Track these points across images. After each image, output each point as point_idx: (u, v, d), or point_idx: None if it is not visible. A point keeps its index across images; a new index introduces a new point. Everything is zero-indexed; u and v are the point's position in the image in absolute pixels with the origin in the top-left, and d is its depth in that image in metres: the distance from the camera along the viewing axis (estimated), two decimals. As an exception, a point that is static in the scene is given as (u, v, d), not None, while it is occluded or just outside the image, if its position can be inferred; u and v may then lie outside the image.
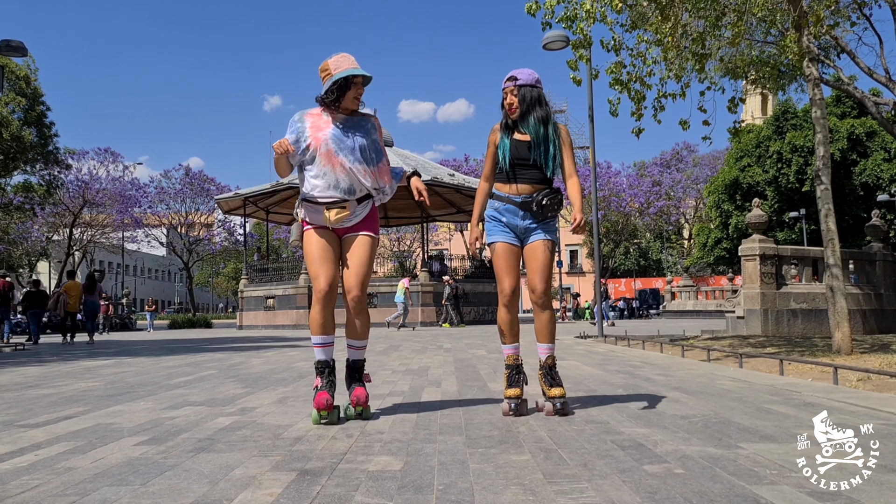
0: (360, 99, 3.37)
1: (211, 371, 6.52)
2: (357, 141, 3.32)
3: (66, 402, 4.35)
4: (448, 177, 25.59)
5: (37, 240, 38.14)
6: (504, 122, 3.53)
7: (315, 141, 3.29)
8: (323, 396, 3.22)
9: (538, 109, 3.45)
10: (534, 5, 7.53)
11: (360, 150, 3.31)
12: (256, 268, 28.88)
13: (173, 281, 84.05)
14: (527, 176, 3.44)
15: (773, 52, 12.80)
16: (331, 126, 3.33)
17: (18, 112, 29.92)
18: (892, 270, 14.88)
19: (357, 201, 3.35)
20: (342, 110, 3.36)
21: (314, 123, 3.35)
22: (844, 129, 31.30)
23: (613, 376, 5.38)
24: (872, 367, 5.49)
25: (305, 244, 3.38)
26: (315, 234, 3.35)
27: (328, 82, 3.28)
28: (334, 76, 3.27)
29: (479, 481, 2.15)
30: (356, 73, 3.27)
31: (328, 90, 3.29)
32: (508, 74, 3.49)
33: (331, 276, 3.29)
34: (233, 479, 2.23)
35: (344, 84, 3.27)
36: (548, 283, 3.45)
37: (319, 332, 3.33)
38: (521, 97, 3.44)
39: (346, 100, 3.31)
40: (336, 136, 3.30)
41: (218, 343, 13.51)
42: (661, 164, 48.08)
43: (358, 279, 3.32)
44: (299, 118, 3.39)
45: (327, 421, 3.25)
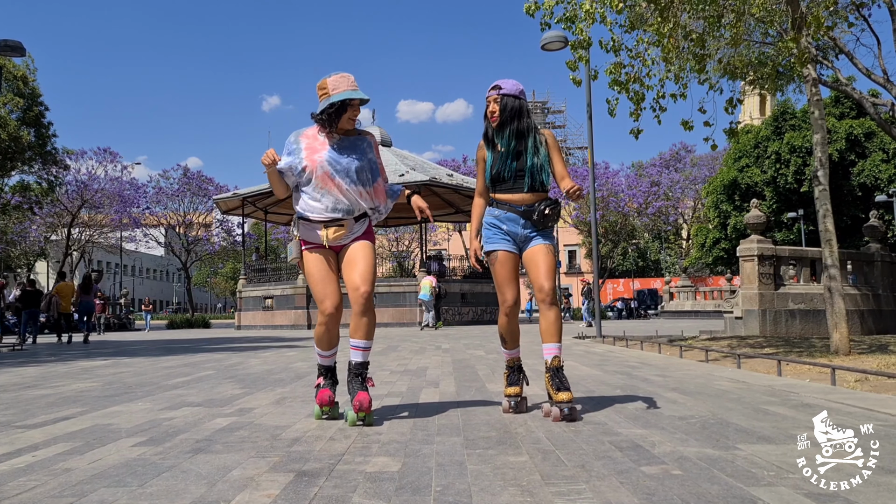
0: (355, 120, 3.38)
1: (209, 371, 6.52)
2: (353, 163, 3.32)
3: (63, 402, 4.34)
4: (447, 177, 25.59)
5: (35, 240, 38.12)
6: (486, 132, 3.54)
7: (311, 163, 3.29)
8: (325, 393, 3.37)
9: (516, 122, 3.45)
10: (533, 6, 7.53)
11: (355, 173, 3.32)
12: (255, 268, 28.88)
13: (171, 281, 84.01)
14: (520, 185, 3.45)
15: (771, 53, 12.81)
16: (326, 148, 3.33)
17: (16, 112, 29.90)
18: (890, 271, 14.91)
19: (354, 220, 3.38)
20: (337, 130, 3.38)
21: (310, 145, 3.35)
22: (843, 130, 31.34)
23: (611, 377, 5.38)
24: (870, 367, 5.50)
25: (306, 264, 3.39)
26: (313, 254, 3.37)
27: (324, 103, 3.27)
28: (331, 98, 3.25)
29: (477, 482, 2.15)
30: (353, 96, 3.26)
31: (323, 111, 3.29)
32: (493, 84, 3.50)
33: (336, 296, 3.32)
34: (230, 480, 2.23)
35: (340, 107, 3.28)
36: (554, 282, 3.45)
37: (326, 347, 3.43)
38: (502, 106, 3.45)
39: (341, 122, 3.34)
40: (332, 159, 3.30)
41: (216, 343, 13.51)
42: (660, 164, 48.11)
43: (364, 276, 3.28)
44: (294, 139, 3.39)
45: (328, 416, 3.36)
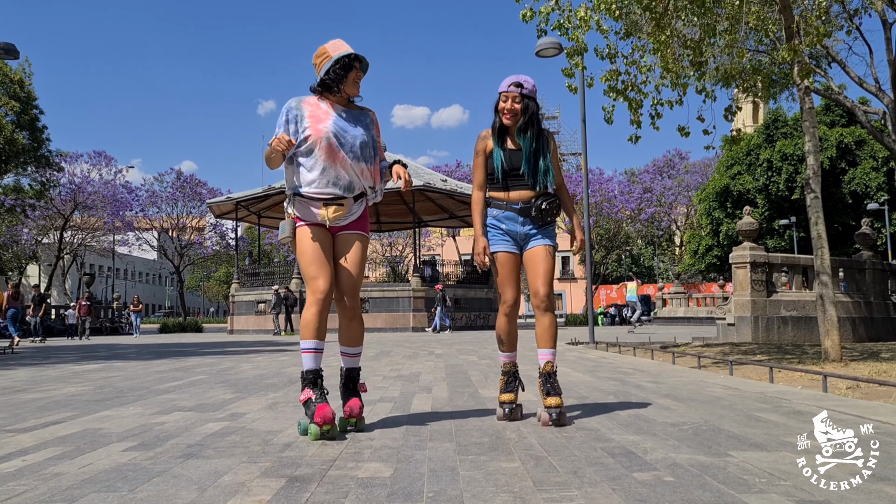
0: (359, 84, 3.24)
1: (201, 376, 6.49)
2: (358, 136, 3.19)
3: (54, 406, 4.32)
4: (441, 182, 25.61)
5: (27, 243, 37.93)
6: (497, 127, 3.44)
7: (315, 133, 3.11)
8: (324, 408, 2.97)
9: (537, 126, 3.43)
10: (528, 12, 7.56)
11: (360, 147, 3.18)
12: (248, 272, 28.83)
13: (164, 285, 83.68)
14: (520, 183, 3.41)
15: (764, 61, 12.89)
16: (331, 117, 3.17)
17: (11, 115, 29.82)
18: (882, 278, 14.99)
19: (353, 199, 3.23)
20: (341, 98, 3.23)
21: (313, 113, 3.17)
22: (834, 138, 31.57)
23: (604, 383, 5.39)
24: (861, 375, 5.52)
25: (299, 242, 3.16)
26: (309, 232, 3.15)
27: (328, 63, 3.13)
28: (334, 56, 3.12)
29: (469, 489, 2.14)
30: (353, 51, 3.16)
31: (330, 69, 3.13)
32: (513, 79, 3.40)
33: (329, 276, 3.11)
34: (221, 485, 2.22)
35: (347, 64, 3.13)
36: (550, 287, 3.41)
37: (313, 335, 3.10)
38: (524, 107, 3.38)
39: (348, 81, 3.17)
40: (338, 130, 3.14)
41: (208, 347, 13.45)
42: (654, 170, 48.27)
43: (353, 283, 3.22)
44: (296, 105, 3.20)
45: (330, 436, 2.99)
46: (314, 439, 2.98)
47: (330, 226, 3.20)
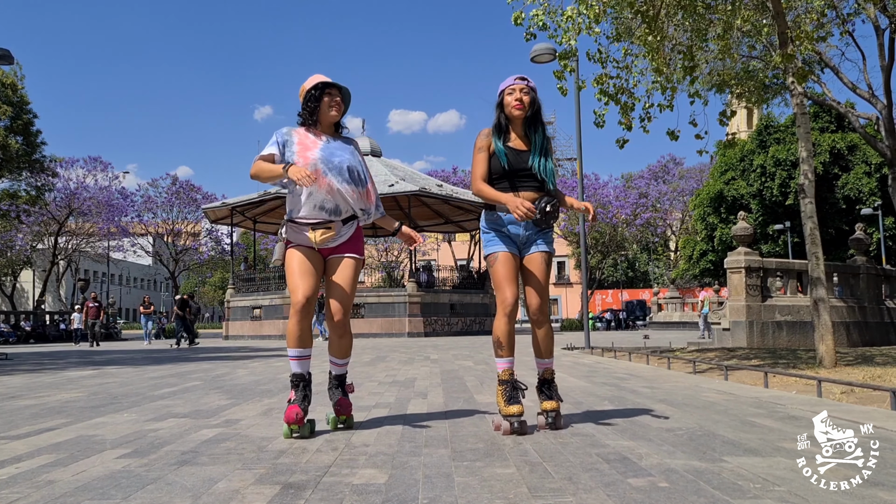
0: (338, 112, 3.39)
1: (196, 382, 6.47)
2: (345, 160, 3.33)
3: (48, 413, 4.30)
4: (436, 187, 25.64)
5: (21, 248, 37.80)
6: (499, 124, 3.41)
7: (304, 160, 3.27)
8: (293, 410, 3.19)
9: (541, 122, 3.44)
10: (520, 15, 7.56)
11: (348, 171, 3.32)
12: (243, 277, 28.74)
13: (159, 290, 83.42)
14: (526, 184, 3.37)
15: (757, 67, 12.96)
16: (318, 146, 3.33)
17: (4, 120, 29.77)
18: (876, 283, 15.04)
19: (342, 222, 3.36)
20: (324, 126, 3.41)
21: (301, 141, 3.34)
22: (826, 144, 31.70)
23: (599, 388, 5.39)
24: (856, 380, 5.53)
25: (287, 260, 3.37)
26: (297, 251, 3.35)
27: (303, 97, 3.39)
28: (307, 89, 3.37)
29: (464, 495, 2.14)
30: (326, 80, 3.35)
31: (304, 103, 3.38)
32: (516, 76, 3.42)
33: (309, 288, 3.27)
34: (216, 492, 2.21)
35: (318, 94, 3.34)
36: (545, 298, 3.40)
37: (297, 344, 3.30)
38: (531, 98, 3.39)
39: (322, 109, 3.36)
40: (325, 156, 3.30)
41: (203, 353, 13.42)
42: (649, 176, 48.40)
43: (342, 304, 3.35)
44: (287, 131, 3.38)
45: (298, 435, 3.21)
46: (285, 437, 3.21)
47: (320, 248, 3.36)
